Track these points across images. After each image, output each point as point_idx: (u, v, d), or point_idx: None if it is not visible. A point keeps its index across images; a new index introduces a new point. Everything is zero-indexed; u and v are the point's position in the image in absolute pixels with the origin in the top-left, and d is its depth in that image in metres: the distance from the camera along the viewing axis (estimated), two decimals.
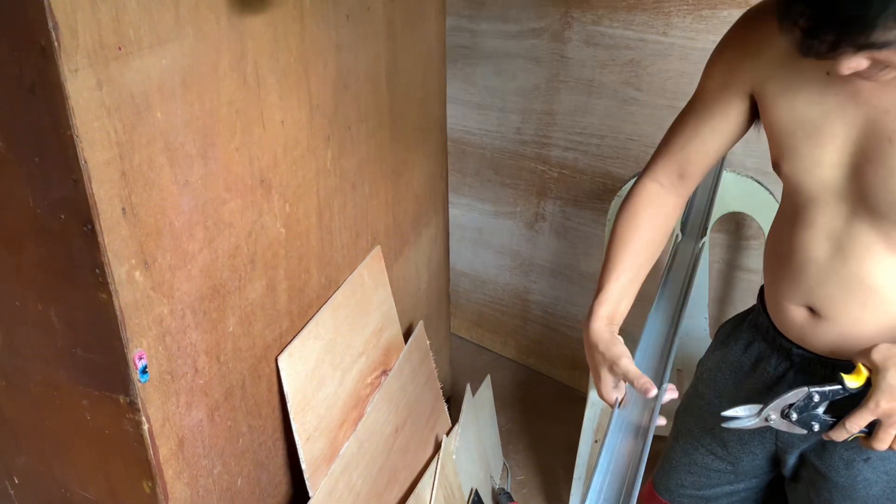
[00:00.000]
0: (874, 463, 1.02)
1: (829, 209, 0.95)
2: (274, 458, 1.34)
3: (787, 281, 1.03)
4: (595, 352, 1.04)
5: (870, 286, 0.94)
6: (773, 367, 1.10)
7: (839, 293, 0.97)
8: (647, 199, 1.11)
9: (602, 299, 1.06)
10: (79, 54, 0.80)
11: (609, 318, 1.06)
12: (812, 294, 1.00)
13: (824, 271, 0.98)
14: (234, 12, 1.03)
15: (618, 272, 1.08)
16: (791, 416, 0.93)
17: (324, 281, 1.41)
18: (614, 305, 1.07)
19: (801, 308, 1.02)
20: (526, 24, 2.10)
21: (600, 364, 1.03)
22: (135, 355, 0.96)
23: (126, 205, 0.90)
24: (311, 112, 1.27)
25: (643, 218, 1.10)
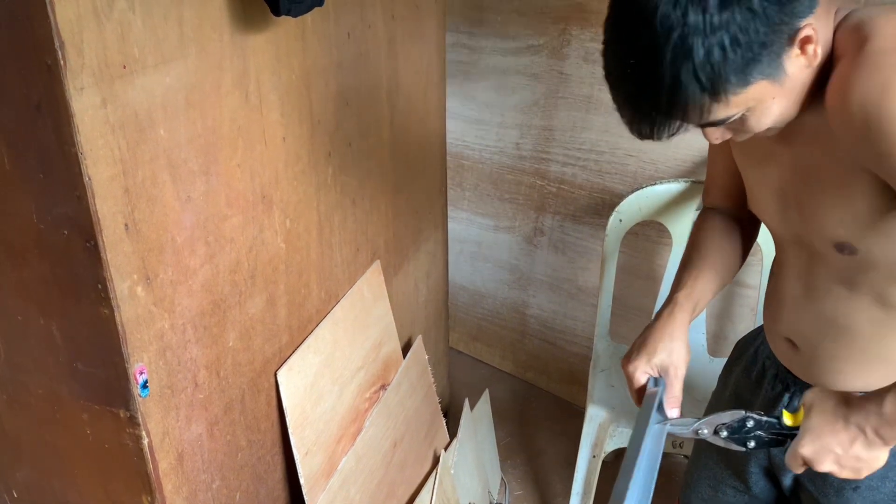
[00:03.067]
0: (863, 493, 1.03)
1: (794, 250, 0.99)
2: (272, 473, 1.35)
3: (772, 313, 1.08)
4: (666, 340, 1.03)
5: (838, 325, 0.97)
6: (770, 385, 1.11)
7: (811, 329, 1.00)
8: (711, 219, 1.15)
9: (687, 293, 1.07)
10: (84, 73, 0.81)
11: (691, 312, 1.07)
12: (790, 328, 1.03)
13: (798, 308, 1.01)
14: (237, 31, 1.04)
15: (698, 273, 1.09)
16: (721, 433, 0.96)
17: (323, 295, 1.42)
18: (695, 302, 1.07)
19: (784, 340, 1.06)
20: (525, 41, 2.12)
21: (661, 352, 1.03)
22: (136, 370, 0.97)
23: (129, 221, 0.91)
24: (313, 128, 1.28)
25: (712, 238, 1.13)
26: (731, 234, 1.15)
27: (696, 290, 1.07)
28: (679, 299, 1.06)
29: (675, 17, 0.71)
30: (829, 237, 0.90)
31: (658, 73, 0.74)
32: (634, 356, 1.04)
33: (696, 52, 0.72)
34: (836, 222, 0.88)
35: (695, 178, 1.84)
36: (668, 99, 0.76)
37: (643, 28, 0.73)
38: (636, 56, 0.75)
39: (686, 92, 0.75)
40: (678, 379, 1.03)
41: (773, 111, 0.81)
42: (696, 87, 0.74)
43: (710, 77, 0.74)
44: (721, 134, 0.86)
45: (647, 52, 0.74)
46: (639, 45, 0.75)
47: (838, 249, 0.90)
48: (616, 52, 0.79)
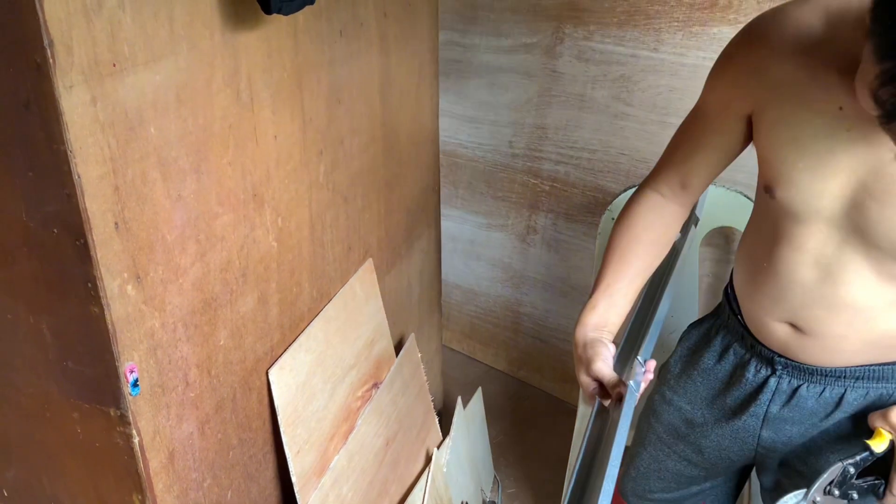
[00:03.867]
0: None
1: (820, 235, 0.95)
2: (264, 471, 1.34)
3: (769, 298, 1.03)
4: (575, 353, 1.04)
5: (857, 307, 0.96)
6: (752, 373, 1.10)
7: (824, 314, 0.98)
8: (646, 208, 1.11)
9: (590, 306, 1.07)
10: (73, 71, 0.80)
11: (595, 325, 1.06)
12: (796, 313, 1.00)
13: (810, 293, 0.98)
14: (228, 28, 1.04)
15: (608, 281, 1.08)
16: (833, 492, 0.98)
17: (315, 294, 1.41)
18: (602, 313, 1.07)
19: (784, 324, 1.03)
20: (518, 39, 2.12)
21: (578, 364, 1.04)
22: (126, 368, 0.97)
23: (119, 219, 0.91)
24: (305, 126, 1.28)
25: (640, 227, 1.10)
26: (663, 227, 1.12)
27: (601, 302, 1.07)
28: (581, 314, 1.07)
29: None
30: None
31: None
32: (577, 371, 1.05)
33: None
34: None
35: None
36: None
37: None
38: None
39: None
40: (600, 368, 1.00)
41: None
42: None
43: None
44: None
45: None
46: None
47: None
48: None
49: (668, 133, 1.97)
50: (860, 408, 1.03)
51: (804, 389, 1.05)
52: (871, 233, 0.90)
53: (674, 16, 1.84)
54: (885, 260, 0.91)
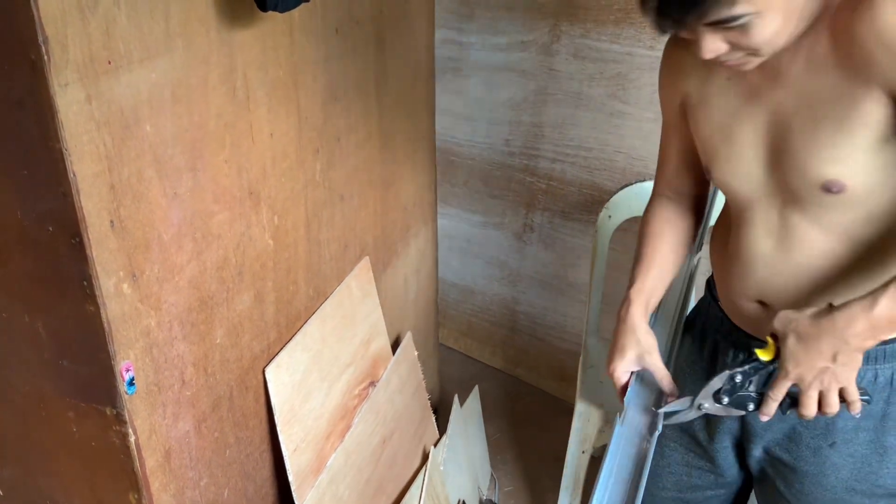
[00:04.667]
0: (839, 447, 1.04)
1: (762, 205, 1.00)
2: (261, 470, 1.34)
3: (738, 278, 1.07)
4: (630, 335, 1.09)
5: (814, 272, 0.99)
6: (731, 358, 1.13)
7: (787, 283, 1.01)
8: (659, 211, 1.19)
9: (639, 288, 1.12)
10: (69, 69, 0.80)
11: (645, 305, 1.12)
12: (762, 289, 1.04)
13: (771, 265, 1.02)
14: (224, 26, 1.03)
15: (648, 266, 1.14)
16: (723, 399, 0.98)
17: (311, 292, 1.41)
18: (648, 295, 1.13)
19: (754, 303, 1.06)
20: (515, 37, 2.12)
21: (630, 347, 1.09)
22: (122, 367, 0.96)
23: (114, 217, 0.91)
24: (300, 124, 1.27)
25: (661, 227, 1.17)
26: (681, 223, 1.18)
27: (647, 284, 1.13)
28: (631, 296, 1.12)
29: None
30: (817, 177, 0.91)
31: None
32: (611, 360, 1.10)
33: None
34: (830, 159, 0.89)
35: None
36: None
37: None
38: None
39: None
40: (657, 360, 1.08)
41: (774, 24, 0.83)
42: None
43: None
44: (717, 46, 0.86)
45: None
46: None
47: (825, 189, 0.91)
48: None
49: None
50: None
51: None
52: (789, 185, 0.95)
53: None
54: (819, 212, 0.94)
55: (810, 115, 0.90)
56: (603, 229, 1.89)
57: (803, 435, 1.06)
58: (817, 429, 1.04)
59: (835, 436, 1.04)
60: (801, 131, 0.91)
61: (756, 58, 0.88)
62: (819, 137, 0.89)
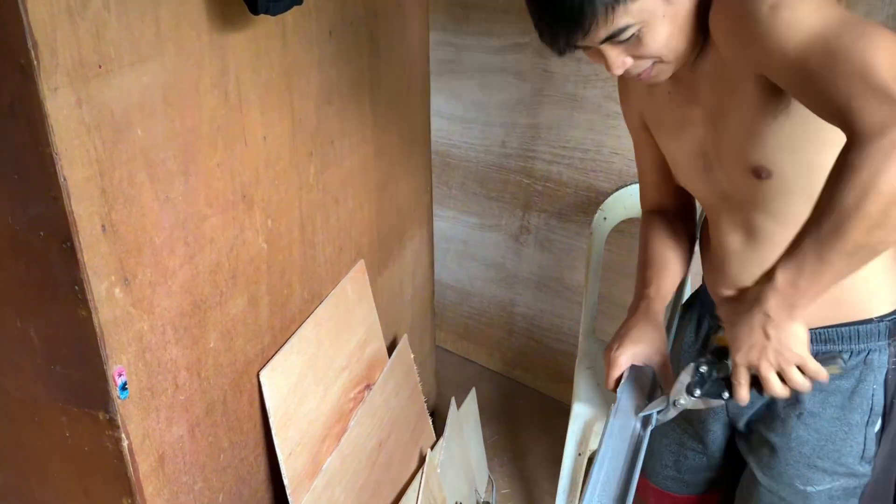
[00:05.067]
0: (806, 419, 1.07)
1: (723, 206, 1.05)
2: (256, 474, 1.34)
3: (715, 271, 1.12)
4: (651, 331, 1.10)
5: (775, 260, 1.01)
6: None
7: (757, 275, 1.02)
8: (653, 224, 1.22)
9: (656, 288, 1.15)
10: (58, 73, 0.80)
11: (663, 304, 1.14)
12: (736, 281, 1.07)
13: (741, 259, 1.06)
14: (216, 29, 1.03)
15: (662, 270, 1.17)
16: (695, 392, 0.98)
17: (306, 295, 1.41)
18: (664, 298, 1.15)
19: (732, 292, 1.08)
20: (510, 39, 2.11)
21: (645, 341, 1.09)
22: (114, 372, 0.96)
23: (106, 222, 0.90)
24: (294, 127, 1.27)
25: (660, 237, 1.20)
26: (676, 233, 1.21)
27: (663, 288, 1.15)
28: (650, 294, 1.14)
29: None
30: (746, 166, 0.95)
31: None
32: (618, 345, 1.10)
33: None
34: (751, 148, 0.94)
35: None
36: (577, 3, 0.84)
37: None
38: None
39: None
40: (667, 362, 1.10)
41: (663, 31, 0.88)
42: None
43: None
44: (622, 60, 0.91)
45: None
46: None
47: (756, 175, 0.95)
48: None
49: None
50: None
51: None
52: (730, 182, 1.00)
53: None
54: (769, 204, 0.98)
55: (724, 112, 0.95)
56: (598, 231, 1.89)
57: (777, 404, 1.10)
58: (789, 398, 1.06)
59: (802, 406, 1.06)
60: (723, 129, 0.96)
61: (665, 65, 0.93)
62: (737, 133, 0.94)
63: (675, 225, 1.22)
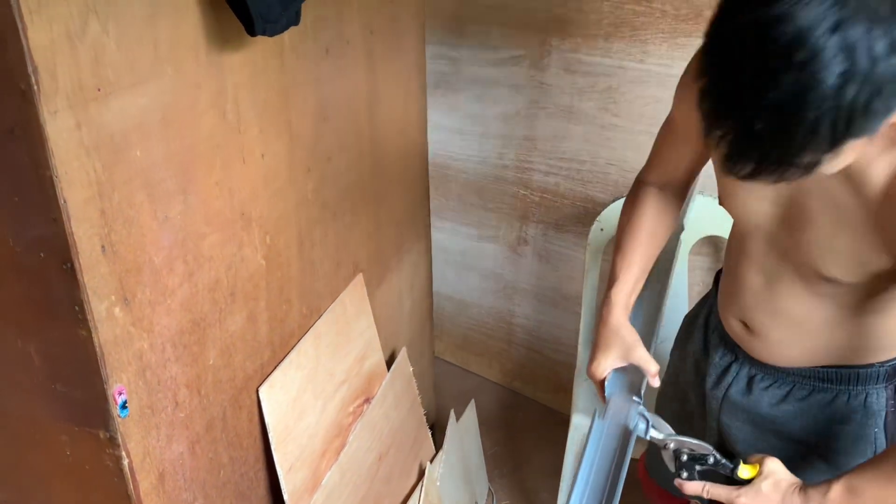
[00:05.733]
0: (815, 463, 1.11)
1: (761, 246, 1.03)
2: (256, 489, 1.34)
3: (729, 295, 1.13)
4: (613, 335, 1.11)
5: (793, 318, 1.03)
6: (719, 356, 1.17)
7: (767, 318, 1.06)
8: (644, 197, 1.19)
9: (620, 288, 1.14)
10: (58, 96, 0.81)
11: (625, 305, 1.14)
12: (746, 313, 1.09)
13: (756, 297, 1.06)
14: (214, 50, 1.04)
15: (630, 263, 1.16)
16: (682, 456, 1.03)
17: (305, 310, 1.42)
18: (628, 294, 1.15)
19: (738, 321, 1.11)
20: (506, 52, 2.13)
21: (614, 346, 1.11)
22: (114, 390, 0.97)
23: (105, 242, 0.91)
24: (292, 145, 1.28)
25: (644, 214, 1.18)
26: (663, 214, 1.20)
27: (627, 285, 1.15)
28: (612, 297, 1.14)
29: (838, 50, 0.60)
30: (817, 270, 0.95)
31: (802, 113, 0.63)
32: (593, 360, 1.13)
33: (854, 100, 0.61)
34: (835, 264, 0.92)
35: None
36: (798, 142, 0.65)
37: (794, 51, 0.61)
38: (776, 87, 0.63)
39: (818, 138, 0.64)
40: (642, 353, 1.10)
41: (842, 163, 0.72)
42: (829, 134, 0.64)
43: (847, 126, 0.63)
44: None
45: (795, 87, 0.62)
46: (783, 76, 0.62)
47: (822, 278, 0.95)
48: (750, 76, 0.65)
49: None
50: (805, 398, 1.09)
51: (758, 380, 1.13)
52: (793, 255, 0.98)
53: (659, 27, 1.85)
54: (813, 280, 0.97)
55: (831, 220, 0.90)
56: (595, 242, 1.90)
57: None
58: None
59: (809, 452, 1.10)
60: (819, 227, 0.92)
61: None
62: (832, 244, 0.91)
63: (668, 200, 1.20)
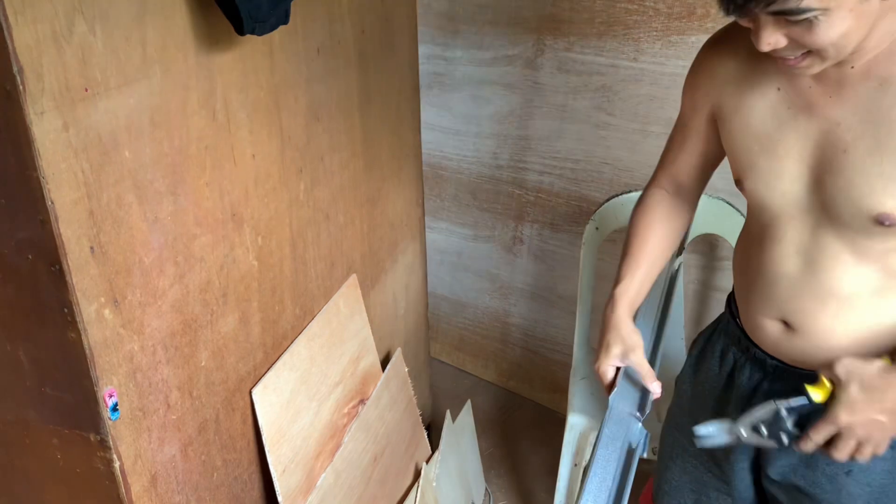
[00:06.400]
0: (856, 476, 1.02)
1: (795, 223, 0.98)
2: (250, 492, 1.34)
3: (760, 296, 1.05)
4: (616, 333, 1.10)
5: (840, 296, 0.96)
6: (746, 377, 1.11)
7: (811, 305, 0.99)
8: (655, 202, 1.19)
9: (625, 287, 1.13)
10: (44, 97, 0.80)
11: (630, 304, 1.12)
12: (785, 308, 1.01)
13: (796, 285, 0.99)
14: (203, 50, 1.04)
15: (637, 264, 1.15)
16: (761, 430, 0.96)
17: (298, 312, 1.41)
18: (634, 294, 1.13)
19: (775, 321, 1.04)
20: (499, 52, 2.13)
21: (616, 344, 1.09)
22: (105, 393, 0.96)
23: (94, 244, 0.90)
24: (283, 145, 1.28)
25: (654, 219, 1.17)
26: (673, 219, 1.19)
27: (633, 284, 1.13)
28: (616, 295, 1.13)
29: None
30: (869, 208, 0.88)
31: None
32: (598, 357, 1.11)
33: None
34: (889, 192, 0.86)
35: None
36: None
37: None
38: None
39: None
40: (640, 358, 1.09)
41: (844, 25, 0.77)
42: None
43: None
44: (776, 40, 0.82)
45: None
46: None
47: (877, 221, 0.88)
48: None
49: (650, 141, 1.98)
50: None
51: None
52: (834, 210, 0.92)
53: (652, 25, 1.85)
54: (857, 238, 0.92)
55: (874, 140, 0.86)
56: (590, 241, 1.90)
57: (819, 461, 1.04)
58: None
59: (850, 464, 1.01)
60: (860, 156, 0.87)
61: (818, 61, 0.84)
62: (881, 169, 0.86)
63: (679, 206, 1.18)
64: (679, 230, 1.21)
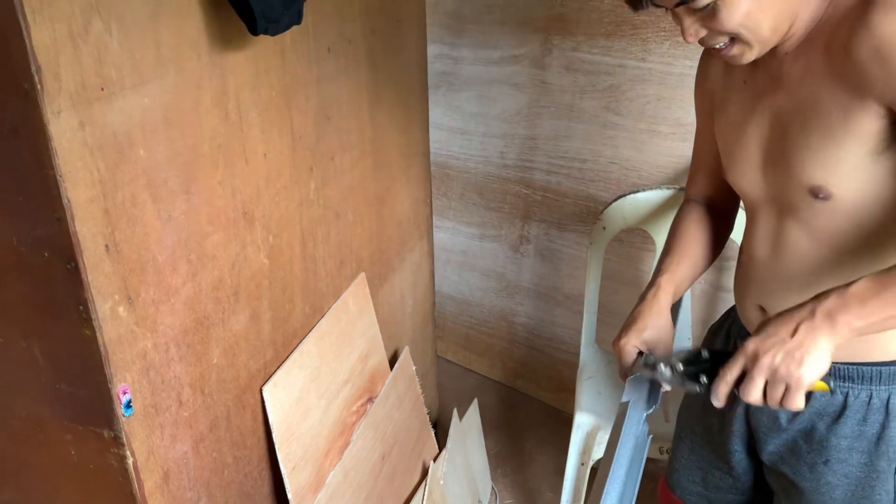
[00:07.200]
0: (833, 466, 1.04)
1: (764, 209, 1.03)
2: (260, 489, 1.34)
3: (743, 281, 1.11)
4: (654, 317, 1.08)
5: (803, 282, 1.00)
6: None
7: (780, 290, 1.03)
8: (691, 212, 1.20)
9: (670, 277, 1.12)
10: (61, 96, 0.81)
11: (674, 295, 1.12)
12: (759, 293, 1.06)
13: (766, 270, 1.04)
14: (216, 50, 1.04)
15: (680, 260, 1.14)
16: (678, 366, 0.96)
17: (308, 310, 1.42)
18: (676, 286, 1.12)
19: (755, 308, 1.08)
20: (507, 51, 2.13)
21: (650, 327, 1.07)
22: (119, 390, 0.97)
23: (109, 241, 0.91)
24: (294, 144, 1.28)
25: (693, 225, 1.18)
26: (709, 226, 1.20)
27: (676, 276, 1.13)
28: (662, 283, 1.11)
29: None
30: (806, 181, 0.92)
31: None
32: (624, 333, 1.08)
33: None
34: (818, 165, 0.90)
35: (677, 185, 1.86)
36: None
37: None
38: None
39: None
40: (668, 351, 1.08)
41: (742, 7, 0.84)
42: None
43: None
44: (696, 29, 0.88)
45: None
46: None
47: (813, 194, 0.92)
48: None
49: (657, 142, 1.98)
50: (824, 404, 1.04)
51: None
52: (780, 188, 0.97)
53: (660, 25, 1.85)
54: (810, 220, 0.96)
55: (802, 120, 0.91)
56: (597, 241, 1.90)
57: (802, 450, 1.06)
58: (813, 443, 1.04)
59: (828, 453, 1.03)
60: (794, 135, 0.93)
61: (746, 48, 0.89)
62: (808, 143, 0.91)
63: (712, 217, 1.19)
64: (717, 239, 1.20)
